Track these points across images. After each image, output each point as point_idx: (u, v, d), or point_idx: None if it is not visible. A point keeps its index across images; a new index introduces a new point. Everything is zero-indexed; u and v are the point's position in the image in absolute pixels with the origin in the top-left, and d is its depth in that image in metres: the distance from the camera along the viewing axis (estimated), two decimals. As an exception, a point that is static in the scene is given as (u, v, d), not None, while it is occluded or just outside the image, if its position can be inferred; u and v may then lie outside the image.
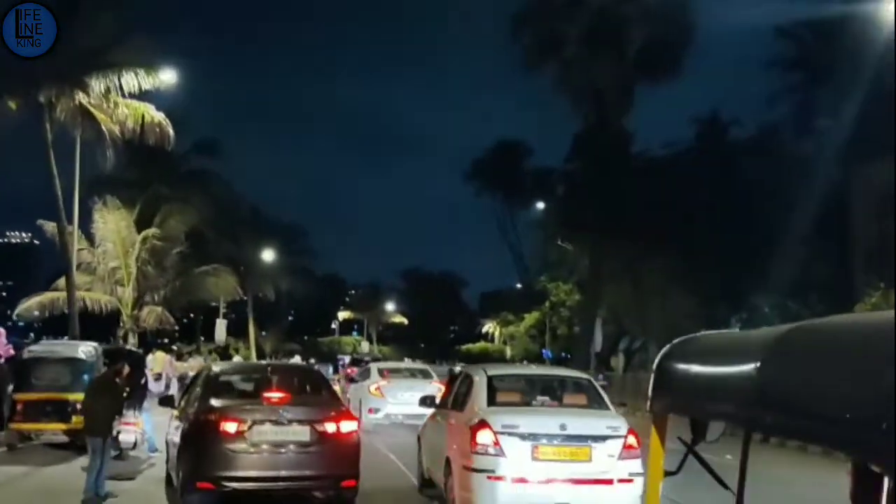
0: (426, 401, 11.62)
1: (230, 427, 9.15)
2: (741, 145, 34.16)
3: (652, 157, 39.24)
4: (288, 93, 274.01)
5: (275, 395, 10.17)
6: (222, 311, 57.88)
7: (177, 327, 38.22)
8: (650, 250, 31.13)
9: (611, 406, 9.48)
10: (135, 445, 13.46)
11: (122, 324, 33.67)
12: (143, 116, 24.44)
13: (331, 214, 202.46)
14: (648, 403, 3.30)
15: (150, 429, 14.05)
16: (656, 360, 3.33)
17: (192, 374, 28.87)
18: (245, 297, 49.78)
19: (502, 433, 8.24)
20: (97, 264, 33.22)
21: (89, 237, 33.07)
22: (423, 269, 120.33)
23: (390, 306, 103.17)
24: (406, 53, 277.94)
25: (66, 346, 16.94)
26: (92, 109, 23.59)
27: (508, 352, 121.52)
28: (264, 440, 9.31)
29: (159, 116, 24.92)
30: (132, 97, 24.29)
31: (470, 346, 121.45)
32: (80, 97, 23.12)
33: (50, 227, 28.55)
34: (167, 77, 24.86)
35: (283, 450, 9.38)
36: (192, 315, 59.54)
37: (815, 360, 2.35)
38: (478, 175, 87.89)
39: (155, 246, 33.34)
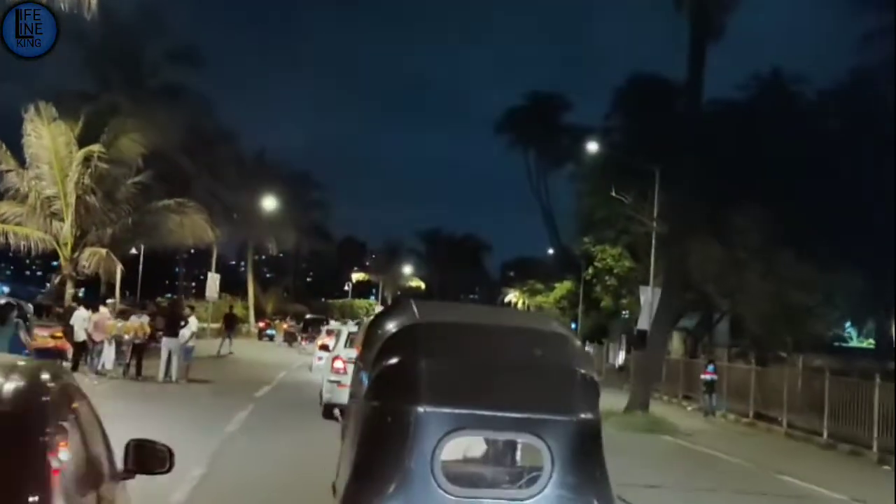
0: None
1: None
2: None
3: (733, 101, 32.84)
4: (308, 42, 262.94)
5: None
6: (214, 261, 50.83)
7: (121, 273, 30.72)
8: (745, 203, 23.62)
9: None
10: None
11: (59, 268, 26.51)
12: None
13: (349, 173, 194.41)
14: None
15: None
16: None
17: (127, 336, 21.77)
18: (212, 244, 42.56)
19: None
20: (28, 190, 25.89)
21: (19, 155, 25.78)
22: (445, 230, 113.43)
23: (408, 269, 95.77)
24: (435, 6, 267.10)
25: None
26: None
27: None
28: None
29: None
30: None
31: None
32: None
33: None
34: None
35: None
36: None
37: None
38: (511, 127, 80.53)
39: (102, 170, 25.94)
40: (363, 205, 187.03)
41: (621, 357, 44.84)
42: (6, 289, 46.25)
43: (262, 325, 57.73)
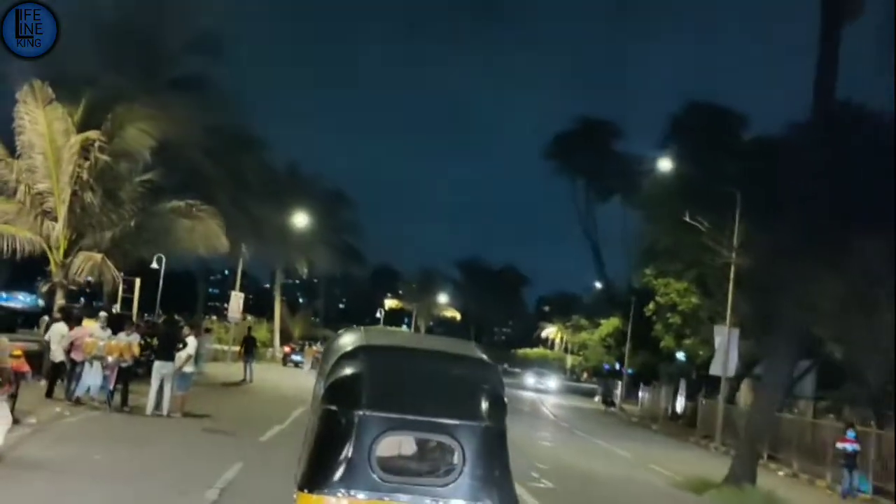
0: None
1: None
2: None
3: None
4: (350, 65, 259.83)
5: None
6: (239, 279, 47.32)
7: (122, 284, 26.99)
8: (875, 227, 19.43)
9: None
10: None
11: (48, 274, 22.94)
12: None
13: (384, 198, 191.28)
14: None
15: None
16: None
17: (111, 358, 17.94)
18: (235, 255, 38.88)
19: None
20: (17, 184, 22.37)
21: (8, 143, 22.32)
22: (482, 260, 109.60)
23: (443, 298, 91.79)
24: (474, 33, 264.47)
25: None
26: None
27: (570, 361, 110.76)
28: None
29: None
30: None
31: (527, 350, 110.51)
32: None
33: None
34: None
35: None
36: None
37: None
38: (559, 153, 76.64)
39: (103, 164, 22.36)
40: (399, 231, 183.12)
41: (680, 403, 40.31)
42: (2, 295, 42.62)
43: (287, 349, 53.95)
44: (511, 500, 5.60)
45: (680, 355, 51.65)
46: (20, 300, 43.55)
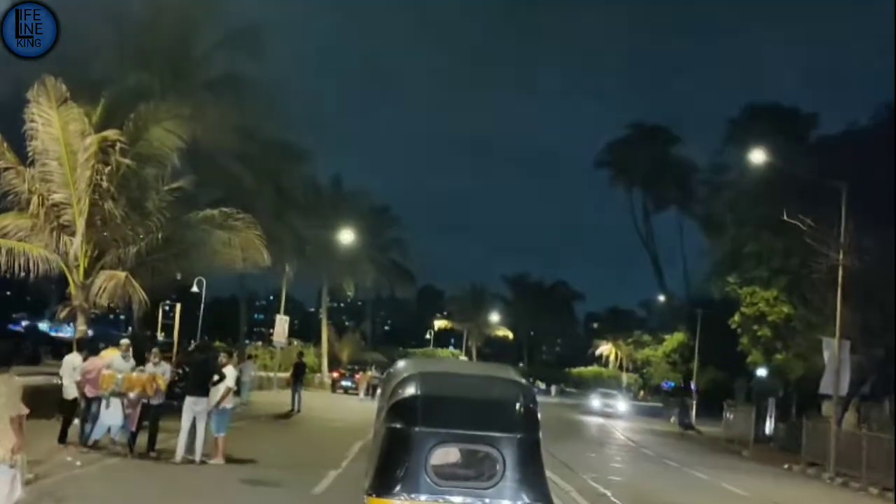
0: None
1: None
2: None
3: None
4: (398, 82, 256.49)
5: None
6: (283, 301, 44.42)
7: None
8: None
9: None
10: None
11: (67, 297, 20.13)
12: None
13: (432, 218, 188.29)
14: None
15: None
16: None
17: (132, 394, 14.83)
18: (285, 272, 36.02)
19: None
20: (30, 195, 19.60)
21: (19, 149, 19.59)
22: (532, 276, 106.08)
23: (494, 317, 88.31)
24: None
25: None
26: None
27: (625, 379, 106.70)
28: None
29: None
30: None
31: (582, 369, 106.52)
32: None
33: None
34: None
35: None
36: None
37: None
38: (612, 161, 73.16)
39: (125, 170, 19.51)
40: (444, 250, 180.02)
41: (769, 426, 36.41)
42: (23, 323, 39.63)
43: (335, 375, 50.94)
44: (545, 497, 6.54)
45: (761, 371, 47.86)
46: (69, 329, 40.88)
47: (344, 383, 48.80)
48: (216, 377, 14.76)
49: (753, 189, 31.60)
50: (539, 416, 7.01)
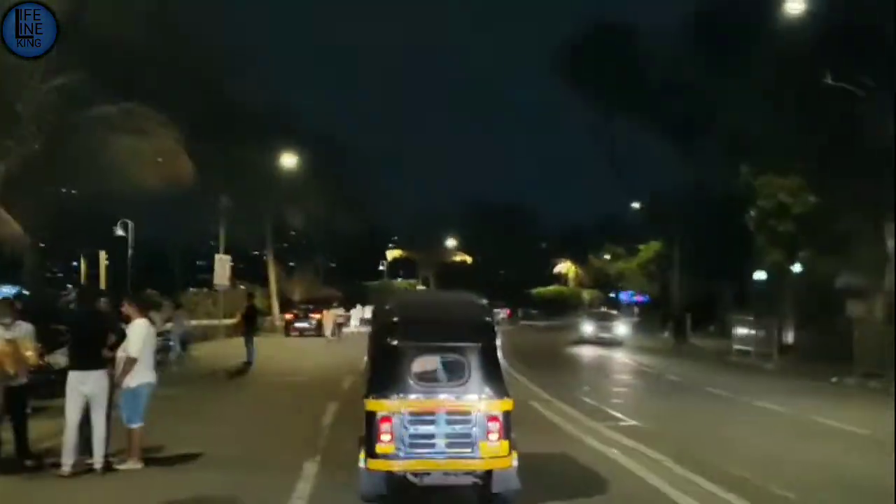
0: None
1: None
2: None
3: None
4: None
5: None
6: (223, 237, 38.65)
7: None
8: None
9: None
10: None
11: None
12: None
13: (383, 149, 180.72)
14: None
15: None
16: None
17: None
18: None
19: None
20: None
21: None
22: (487, 199, 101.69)
23: (451, 243, 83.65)
24: None
25: None
26: None
27: (587, 296, 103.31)
28: None
29: None
30: None
31: (541, 289, 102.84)
32: None
33: None
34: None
35: None
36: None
37: None
38: (570, 66, 67.42)
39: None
40: (395, 184, 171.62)
41: (790, 335, 32.12)
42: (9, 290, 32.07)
43: (288, 316, 45.65)
44: (501, 389, 8.04)
45: (759, 274, 43.75)
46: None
47: (299, 325, 43.66)
48: (113, 337, 9.48)
49: (776, 52, 26.41)
50: (495, 328, 8.79)
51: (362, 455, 7.86)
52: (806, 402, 18.14)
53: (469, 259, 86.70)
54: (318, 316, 43.55)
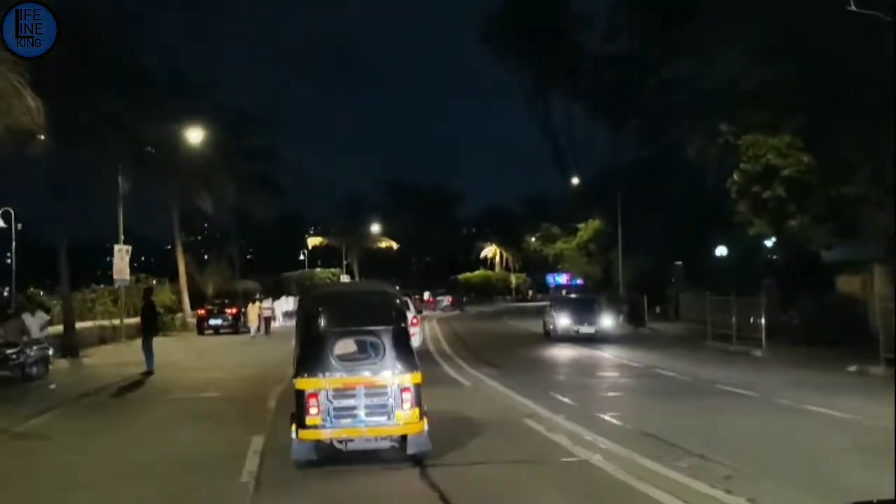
0: None
1: None
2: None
3: None
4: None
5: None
6: (121, 224, 33.29)
7: None
8: None
9: None
10: None
11: None
12: None
13: (300, 129, 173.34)
14: None
15: None
16: None
17: None
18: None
19: None
20: None
21: None
22: (410, 181, 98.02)
23: (375, 228, 79.22)
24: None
25: None
26: None
27: (514, 280, 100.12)
28: None
29: None
30: None
31: (468, 274, 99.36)
32: None
33: None
34: None
35: None
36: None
37: None
38: (497, 36, 63.50)
39: None
40: (316, 166, 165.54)
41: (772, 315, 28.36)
42: None
43: (201, 312, 40.54)
44: (412, 364, 9.18)
45: (721, 250, 40.59)
46: None
47: (213, 322, 38.71)
48: None
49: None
50: (405, 312, 10.09)
51: (294, 427, 9.01)
52: (856, 402, 14.38)
53: (395, 245, 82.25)
54: (233, 311, 38.78)
